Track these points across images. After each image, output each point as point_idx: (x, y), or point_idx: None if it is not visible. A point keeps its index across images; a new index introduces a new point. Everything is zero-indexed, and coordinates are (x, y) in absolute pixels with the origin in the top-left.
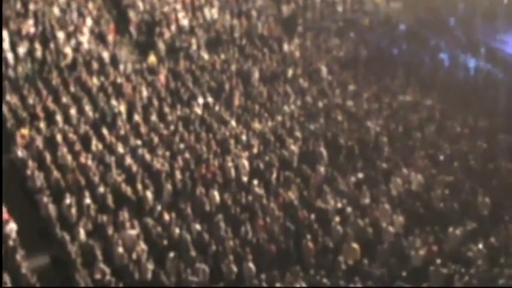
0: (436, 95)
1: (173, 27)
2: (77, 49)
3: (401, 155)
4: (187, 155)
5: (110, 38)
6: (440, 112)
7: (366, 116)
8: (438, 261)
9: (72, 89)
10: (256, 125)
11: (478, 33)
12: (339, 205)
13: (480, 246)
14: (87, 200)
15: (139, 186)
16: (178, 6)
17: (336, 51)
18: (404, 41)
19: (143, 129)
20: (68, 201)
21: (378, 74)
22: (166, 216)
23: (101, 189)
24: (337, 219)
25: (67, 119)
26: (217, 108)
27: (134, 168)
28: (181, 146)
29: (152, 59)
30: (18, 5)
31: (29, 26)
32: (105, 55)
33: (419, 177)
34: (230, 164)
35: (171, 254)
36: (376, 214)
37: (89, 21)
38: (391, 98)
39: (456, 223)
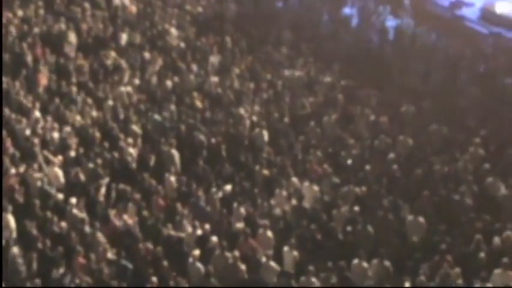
0: (338, 68)
1: None
2: None
3: (288, 157)
4: None
5: None
6: (344, 93)
7: (236, 101)
8: None
9: None
10: (75, 117)
11: None
12: (199, 232)
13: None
14: None
15: None
16: None
17: (191, 6)
18: None
19: None
20: None
21: (254, 39)
22: None
23: None
24: (196, 252)
25: None
26: (13, 90)
27: None
28: None
29: None
30: None
31: None
32: None
33: (315, 188)
34: (36, 174)
35: None
36: (252, 244)
37: None
38: (273, 74)
39: (369, 255)
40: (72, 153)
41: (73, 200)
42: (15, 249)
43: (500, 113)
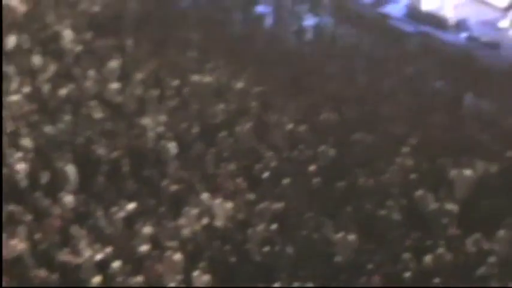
0: (252, 72)
1: None
2: None
3: (198, 171)
4: None
5: None
6: (259, 100)
7: (139, 110)
8: None
9: None
10: None
11: None
12: (99, 256)
13: None
14: None
15: None
16: None
17: (87, 6)
18: None
19: None
20: None
21: (158, 41)
22: None
23: None
24: (96, 279)
25: None
26: None
27: None
28: None
29: None
30: None
31: None
32: None
33: (227, 205)
34: None
35: None
36: (158, 269)
37: None
38: (180, 80)
39: (290, 278)
40: None
41: None
42: None
43: (429, 120)
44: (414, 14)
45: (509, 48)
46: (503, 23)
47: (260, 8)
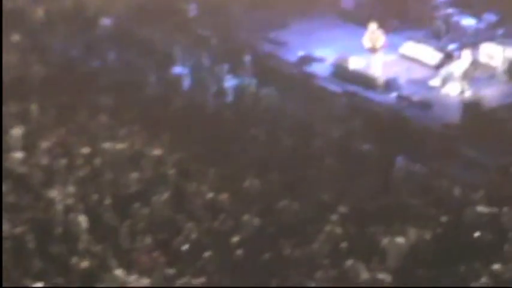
0: (168, 138)
1: None
2: None
3: (111, 246)
4: None
5: None
6: (176, 168)
7: (46, 181)
8: None
9: None
10: None
11: (237, 29)
12: None
13: None
14: None
15: None
16: None
17: None
18: (111, 45)
19: None
20: None
21: (66, 106)
22: None
23: None
24: None
25: None
26: None
27: None
28: None
29: None
30: None
31: None
32: None
33: (144, 282)
34: None
35: None
36: None
37: None
38: (90, 148)
39: None
40: None
41: None
42: None
43: (359, 185)
44: (341, 73)
45: (442, 108)
46: (435, 82)
47: (177, 69)
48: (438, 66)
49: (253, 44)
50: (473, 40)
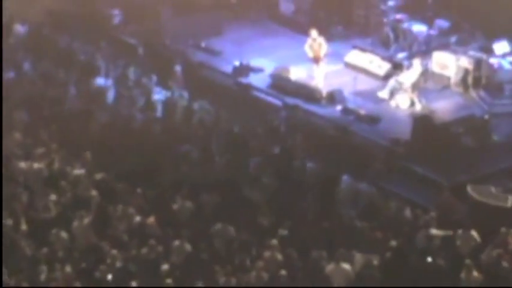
0: (91, 157)
1: None
2: None
3: (27, 277)
4: None
5: None
6: (100, 189)
7: None
8: None
9: None
10: None
11: (166, 37)
12: None
13: None
14: None
15: None
16: None
17: None
18: (26, 54)
19: None
20: None
21: None
22: None
23: None
24: None
25: None
26: None
27: None
28: None
29: None
30: None
31: None
32: None
33: None
34: None
35: None
36: None
37: None
38: (4, 167)
39: None
40: None
41: None
42: None
43: (300, 207)
44: (280, 85)
45: (390, 122)
46: (383, 93)
47: (99, 81)
48: (386, 77)
49: (184, 53)
50: (424, 48)
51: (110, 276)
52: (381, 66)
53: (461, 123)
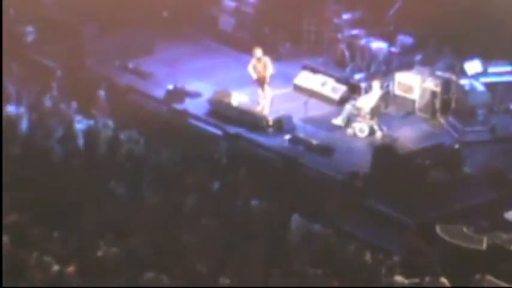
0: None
1: None
2: None
3: None
4: None
5: None
6: (11, 233)
7: None
8: None
9: None
10: None
11: (88, 57)
12: None
13: None
14: None
15: None
16: None
17: None
18: None
19: None
20: None
21: None
22: None
23: None
24: None
25: None
26: None
27: None
28: None
29: None
30: None
31: None
32: None
33: None
34: None
35: None
36: None
37: None
38: None
39: None
40: None
41: None
42: None
43: (245, 251)
44: (221, 112)
45: (347, 153)
46: (338, 120)
47: (10, 108)
48: (342, 101)
49: (109, 76)
50: (384, 68)
51: None
52: (335, 89)
53: (429, 153)
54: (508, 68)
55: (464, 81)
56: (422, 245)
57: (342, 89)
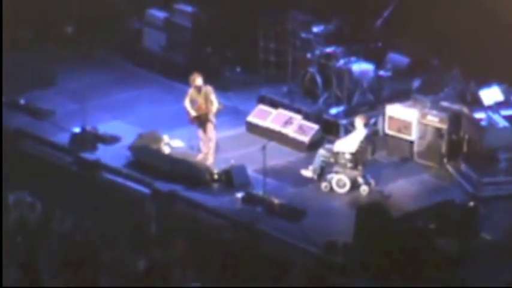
0: None
1: None
2: None
3: None
4: None
5: None
6: None
7: None
8: None
9: None
10: None
11: None
12: None
13: None
14: None
15: None
16: None
17: None
18: None
19: None
20: None
21: None
22: None
23: None
24: None
25: None
26: None
27: None
28: None
29: None
30: None
31: None
32: None
33: None
34: None
35: None
36: None
37: None
38: None
39: None
40: None
41: None
42: None
43: None
44: (148, 162)
45: (322, 216)
46: (308, 172)
47: None
48: (313, 145)
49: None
50: (371, 98)
51: None
52: (303, 129)
53: (433, 214)
54: None
55: (479, 115)
56: None
57: (313, 128)
